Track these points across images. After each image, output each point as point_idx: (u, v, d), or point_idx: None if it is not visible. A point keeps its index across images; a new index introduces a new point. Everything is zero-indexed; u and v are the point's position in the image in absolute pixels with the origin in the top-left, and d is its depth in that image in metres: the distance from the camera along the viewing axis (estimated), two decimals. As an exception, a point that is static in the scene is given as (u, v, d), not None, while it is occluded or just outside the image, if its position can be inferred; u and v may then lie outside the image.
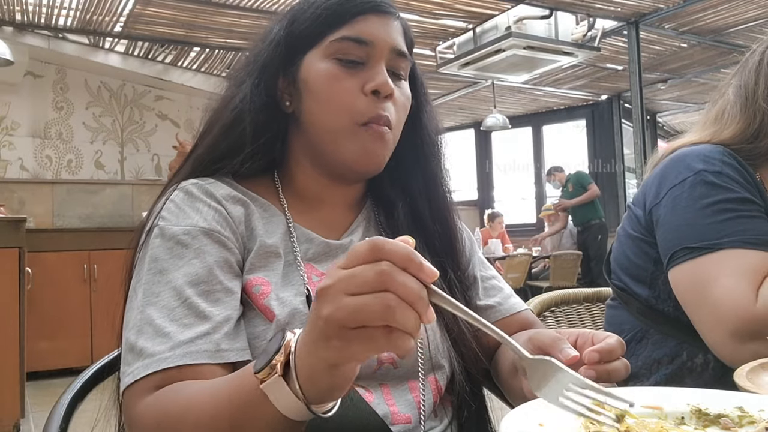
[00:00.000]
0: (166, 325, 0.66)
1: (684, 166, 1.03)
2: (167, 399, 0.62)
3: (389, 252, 0.46)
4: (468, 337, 0.82)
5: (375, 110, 0.77)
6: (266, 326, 0.71)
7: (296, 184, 0.84)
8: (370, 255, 0.46)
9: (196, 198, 0.76)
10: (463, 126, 9.26)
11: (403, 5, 4.68)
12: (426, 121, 0.88)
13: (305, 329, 0.51)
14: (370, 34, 0.78)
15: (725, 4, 4.94)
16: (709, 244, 0.97)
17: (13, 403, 3.09)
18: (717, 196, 0.99)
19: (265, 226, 0.78)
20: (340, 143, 0.78)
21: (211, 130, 0.82)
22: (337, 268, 0.47)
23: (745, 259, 0.94)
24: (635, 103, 5.41)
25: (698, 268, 0.97)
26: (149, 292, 0.69)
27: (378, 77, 0.77)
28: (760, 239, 0.95)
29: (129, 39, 5.27)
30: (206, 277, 0.70)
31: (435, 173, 0.88)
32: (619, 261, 1.15)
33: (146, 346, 0.65)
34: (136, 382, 0.64)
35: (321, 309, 0.47)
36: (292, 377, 0.51)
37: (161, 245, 0.72)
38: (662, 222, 1.04)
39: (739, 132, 1.07)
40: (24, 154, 5.44)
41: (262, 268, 0.75)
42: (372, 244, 0.46)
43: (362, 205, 0.90)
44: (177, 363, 0.64)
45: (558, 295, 1.39)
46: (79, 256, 4.56)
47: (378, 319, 0.45)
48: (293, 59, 0.81)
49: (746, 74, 1.10)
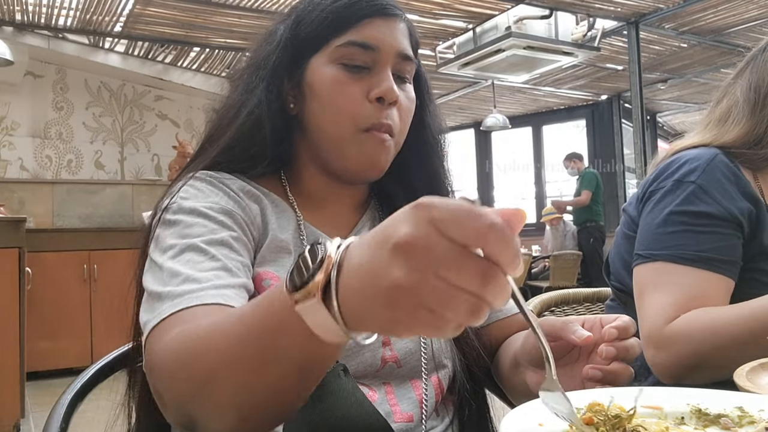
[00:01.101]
0: (195, 273, 0.63)
1: (670, 172, 1.05)
2: (190, 327, 0.56)
3: (501, 253, 0.36)
4: (471, 335, 0.82)
5: (378, 118, 0.77)
6: None
7: (302, 184, 0.85)
8: (481, 240, 0.36)
9: (214, 185, 0.76)
10: (463, 126, 9.26)
11: (403, 5, 4.66)
12: (429, 121, 0.88)
13: (358, 268, 0.40)
14: (376, 38, 0.78)
15: (725, 4, 4.93)
16: (649, 254, 1.00)
17: (13, 403, 3.09)
18: (677, 207, 1.00)
19: (278, 220, 0.78)
20: (341, 148, 0.79)
21: (222, 133, 0.81)
22: (434, 229, 0.36)
23: (673, 274, 0.96)
24: (635, 103, 5.40)
25: (638, 275, 1.01)
26: (171, 252, 0.66)
27: (383, 84, 0.77)
28: (698, 255, 0.95)
29: (129, 39, 5.26)
30: (230, 246, 0.69)
31: (437, 172, 0.88)
32: (617, 261, 1.15)
33: (174, 289, 0.61)
34: (163, 321, 0.59)
35: (398, 270, 0.37)
36: (333, 304, 0.42)
37: (183, 215, 0.71)
38: (639, 224, 1.07)
39: (741, 135, 1.06)
40: (24, 154, 5.44)
41: (272, 262, 0.75)
42: (495, 233, 0.36)
43: (367, 205, 0.90)
44: (209, 301, 0.60)
45: (558, 295, 1.39)
46: (79, 256, 4.56)
47: (462, 318, 0.37)
48: (299, 62, 0.81)
49: (757, 74, 1.08)
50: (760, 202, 1.02)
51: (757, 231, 1.01)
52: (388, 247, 0.37)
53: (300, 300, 0.43)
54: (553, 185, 8.80)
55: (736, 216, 0.98)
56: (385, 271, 0.37)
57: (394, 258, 0.37)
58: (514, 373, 0.76)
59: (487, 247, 0.36)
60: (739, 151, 1.05)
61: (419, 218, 0.37)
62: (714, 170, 1.01)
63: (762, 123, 1.05)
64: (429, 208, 0.36)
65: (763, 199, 1.05)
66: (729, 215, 0.98)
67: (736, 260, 0.98)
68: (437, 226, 0.36)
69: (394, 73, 0.79)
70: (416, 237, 0.36)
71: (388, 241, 0.37)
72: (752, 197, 1.02)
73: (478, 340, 0.83)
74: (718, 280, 0.95)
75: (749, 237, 1.00)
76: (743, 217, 0.99)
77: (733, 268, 0.97)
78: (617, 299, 1.16)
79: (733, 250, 0.98)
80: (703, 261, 0.95)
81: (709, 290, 0.94)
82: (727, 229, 0.98)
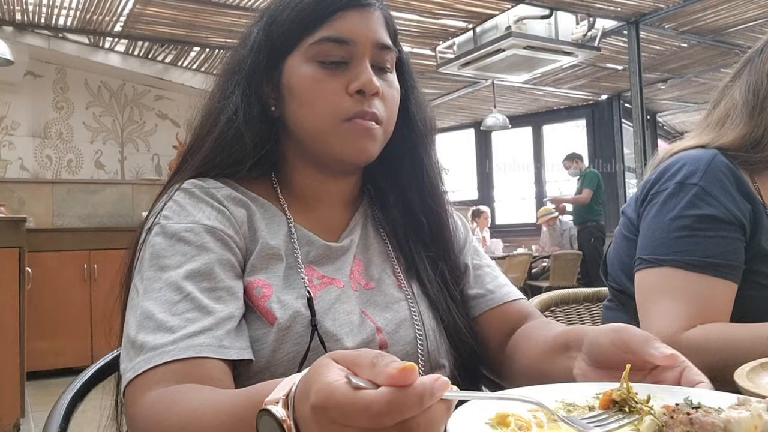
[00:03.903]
0: (168, 319, 0.65)
1: (670, 174, 1.04)
2: (171, 402, 0.59)
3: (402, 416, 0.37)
4: (463, 330, 0.81)
5: (360, 107, 0.76)
6: (267, 329, 0.70)
7: (293, 185, 0.84)
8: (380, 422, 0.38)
9: (198, 198, 0.75)
10: (463, 126, 9.26)
11: (403, 5, 4.68)
12: (414, 110, 0.86)
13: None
14: (350, 31, 0.76)
15: (725, 4, 4.93)
16: (655, 259, 0.99)
17: (13, 402, 3.09)
18: (682, 211, 0.99)
19: (267, 226, 0.77)
20: (326, 141, 0.77)
21: (203, 143, 0.80)
22: (339, 427, 0.38)
23: (682, 281, 0.95)
24: (635, 102, 5.40)
25: (643, 280, 1.00)
26: (150, 288, 0.68)
27: (362, 76, 0.76)
28: (705, 261, 0.95)
29: (129, 39, 5.26)
30: (209, 274, 0.69)
31: (423, 162, 0.86)
32: (615, 262, 1.15)
33: (148, 339, 0.64)
34: (138, 377, 0.62)
35: None
36: None
37: (163, 242, 0.71)
38: (641, 227, 1.06)
39: (739, 137, 1.06)
40: (24, 153, 5.44)
41: (263, 270, 0.74)
42: (389, 416, 0.37)
43: (359, 202, 0.89)
44: (180, 356, 0.62)
45: (558, 295, 1.39)
46: (79, 256, 4.56)
47: None
48: (275, 64, 0.79)
49: (755, 76, 1.07)
50: (757, 203, 1.02)
51: (756, 232, 1.00)
52: None
53: None
54: (553, 185, 8.80)
55: (739, 217, 0.98)
56: None
57: None
58: (555, 355, 0.71)
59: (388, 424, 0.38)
60: (736, 154, 1.05)
61: (322, 421, 0.39)
62: (715, 171, 1.00)
63: (760, 126, 1.05)
64: (325, 410, 0.38)
65: (761, 201, 1.05)
66: (732, 217, 0.98)
67: (739, 264, 0.98)
68: (340, 422, 0.38)
69: (374, 64, 0.78)
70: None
71: None
72: (751, 198, 1.02)
73: (472, 335, 0.82)
74: (724, 286, 0.95)
75: (749, 238, 1.00)
76: (745, 219, 0.99)
77: (737, 272, 0.97)
78: (615, 300, 1.16)
79: (737, 253, 0.98)
80: (711, 267, 0.95)
81: (716, 296, 0.94)
82: (731, 232, 0.98)
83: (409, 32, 5.31)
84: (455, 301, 0.83)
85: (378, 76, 0.78)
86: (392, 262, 0.83)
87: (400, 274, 0.82)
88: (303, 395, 0.41)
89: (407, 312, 0.78)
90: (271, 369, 0.69)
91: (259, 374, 0.68)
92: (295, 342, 0.70)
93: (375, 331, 0.75)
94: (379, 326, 0.76)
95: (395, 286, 0.81)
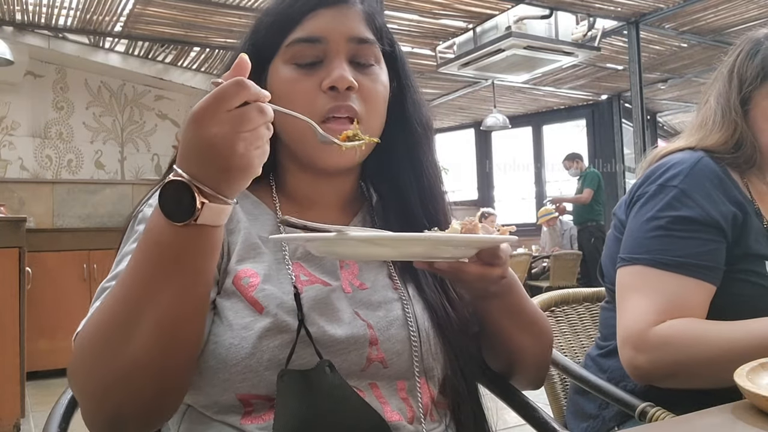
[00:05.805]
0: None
1: (655, 176, 1.06)
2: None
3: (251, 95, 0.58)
4: (461, 332, 0.81)
5: (334, 102, 0.76)
6: (254, 317, 0.70)
7: (287, 187, 0.84)
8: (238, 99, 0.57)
9: None
10: (463, 126, 9.26)
11: (403, 5, 4.68)
12: (411, 109, 0.86)
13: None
14: (321, 29, 0.77)
15: (725, 4, 4.93)
16: (631, 258, 1.01)
17: (13, 402, 3.09)
18: (658, 212, 1.01)
19: (250, 220, 0.78)
20: (307, 144, 0.78)
21: None
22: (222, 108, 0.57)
23: (654, 279, 0.97)
24: (635, 102, 5.40)
25: (621, 278, 1.03)
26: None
27: (333, 72, 0.76)
28: (678, 261, 0.96)
29: (129, 39, 5.26)
30: None
31: (422, 163, 0.86)
32: (609, 264, 1.16)
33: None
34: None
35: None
36: None
37: (141, 226, 0.74)
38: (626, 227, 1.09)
39: (722, 141, 1.08)
40: (24, 154, 5.44)
41: (251, 259, 0.75)
42: (240, 94, 0.58)
43: (358, 205, 0.89)
44: None
45: (558, 295, 1.40)
46: (79, 256, 4.56)
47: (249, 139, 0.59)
48: (261, 71, 0.80)
49: (722, 83, 1.11)
50: (747, 204, 1.03)
51: (743, 233, 1.01)
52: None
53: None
54: (554, 185, 8.80)
55: (718, 221, 0.99)
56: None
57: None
58: (490, 331, 0.80)
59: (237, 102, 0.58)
60: (722, 156, 1.07)
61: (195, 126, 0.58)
62: (698, 174, 1.02)
63: (736, 130, 1.07)
64: (194, 115, 0.58)
65: (752, 200, 1.06)
66: (711, 220, 0.98)
67: (716, 265, 0.98)
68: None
69: (353, 60, 0.78)
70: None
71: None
72: (737, 201, 1.02)
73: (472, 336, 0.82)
74: (697, 286, 0.96)
75: (735, 240, 1.00)
76: (726, 222, 0.99)
77: (712, 273, 0.97)
78: (612, 301, 1.17)
79: (713, 255, 0.98)
80: (683, 267, 0.96)
81: (688, 296, 0.95)
82: (708, 234, 0.98)
83: (409, 32, 5.32)
84: (453, 304, 0.82)
85: (358, 71, 0.78)
86: (388, 264, 0.83)
87: (396, 277, 0.82)
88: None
89: (400, 312, 0.78)
90: (257, 355, 0.69)
91: (246, 359, 0.68)
92: (281, 330, 0.70)
93: (366, 327, 0.74)
94: (369, 323, 0.75)
95: (390, 288, 0.81)
